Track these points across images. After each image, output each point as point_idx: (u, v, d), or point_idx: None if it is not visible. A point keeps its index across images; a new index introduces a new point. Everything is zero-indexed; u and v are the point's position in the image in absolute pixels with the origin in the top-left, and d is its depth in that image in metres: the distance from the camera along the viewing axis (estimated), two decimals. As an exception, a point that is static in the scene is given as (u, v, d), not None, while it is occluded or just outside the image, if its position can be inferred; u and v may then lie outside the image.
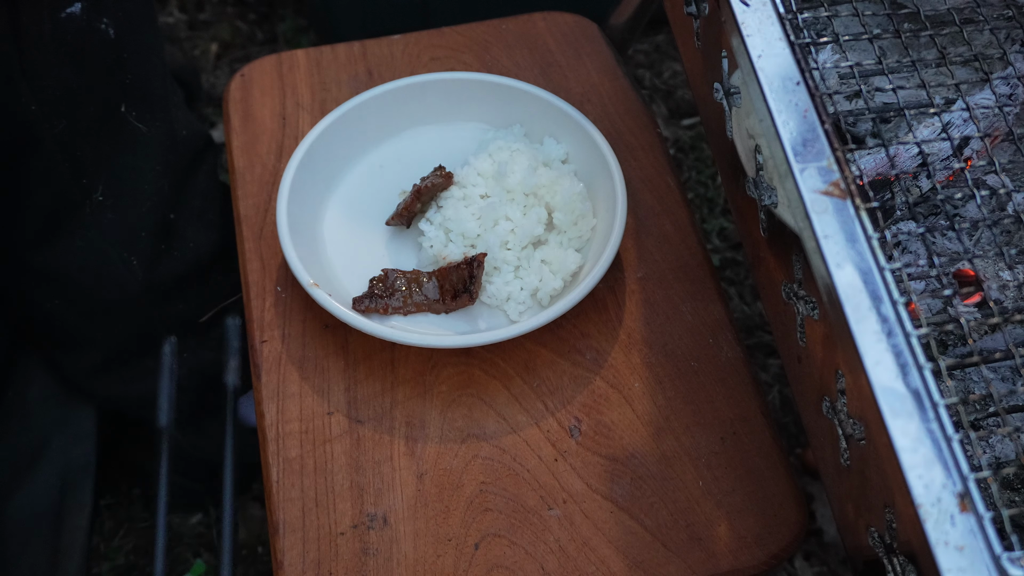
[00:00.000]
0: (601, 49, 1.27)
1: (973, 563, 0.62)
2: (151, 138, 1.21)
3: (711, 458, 0.98)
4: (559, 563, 0.93)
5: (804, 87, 0.80)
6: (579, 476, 0.97)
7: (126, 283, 1.23)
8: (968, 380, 0.84)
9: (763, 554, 0.93)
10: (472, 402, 1.01)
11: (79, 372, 1.33)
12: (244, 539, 1.55)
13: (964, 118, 0.84)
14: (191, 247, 1.28)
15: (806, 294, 0.81)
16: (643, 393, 1.02)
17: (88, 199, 1.17)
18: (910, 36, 0.87)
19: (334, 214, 1.12)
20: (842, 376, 0.75)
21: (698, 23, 1.00)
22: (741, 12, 0.84)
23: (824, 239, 0.73)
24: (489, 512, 0.95)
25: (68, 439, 1.36)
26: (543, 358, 1.04)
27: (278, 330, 1.06)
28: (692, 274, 1.09)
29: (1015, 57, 0.89)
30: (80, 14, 1.08)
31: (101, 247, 1.20)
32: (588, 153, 1.11)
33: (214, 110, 1.95)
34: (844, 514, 0.82)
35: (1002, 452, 0.80)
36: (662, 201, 1.14)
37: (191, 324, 1.32)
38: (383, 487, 0.97)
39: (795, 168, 0.76)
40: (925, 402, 0.67)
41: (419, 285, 1.05)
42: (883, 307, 0.70)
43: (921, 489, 0.64)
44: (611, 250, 1.03)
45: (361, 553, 0.93)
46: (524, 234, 1.05)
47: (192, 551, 1.54)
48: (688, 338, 1.05)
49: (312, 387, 1.02)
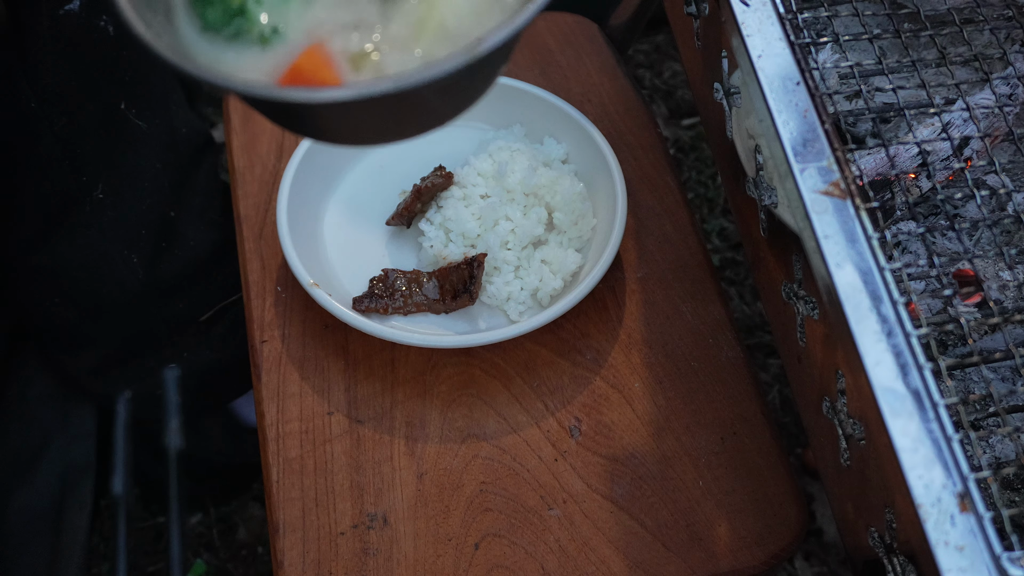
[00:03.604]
0: (601, 49, 1.27)
1: (973, 563, 0.62)
2: (151, 135, 1.21)
3: (711, 458, 0.98)
4: (559, 563, 0.93)
5: (804, 87, 0.80)
6: (579, 476, 0.97)
7: (126, 281, 1.23)
8: (968, 380, 0.84)
9: (763, 554, 0.93)
10: (472, 402, 1.01)
11: (79, 371, 1.32)
12: (244, 539, 1.55)
13: (964, 118, 0.84)
14: (191, 245, 1.28)
15: (806, 294, 0.81)
16: (643, 393, 1.02)
17: (88, 197, 1.17)
18: (910, 36, 0.87)
19: (334, 214, 1.12)
20: (842, 376, 0.75)
21: (698, 23, 1.00)
22: (741, 12, 0.84)
23: (824, 239, 0.73)
24: (489, 512, 0.95)
25: (68, 439, 1.35)
26: (543, 358, 1.04)
27: (278, 330, 1.06)
28: (692, 274, 1.09)
29: (1015, 57, 0.89)
30: (79, 11, 1.08)
31: (101, 245, 1.20)
32: (588, 153, 1.11)
33: (214, 110, 1.95)
34: (844, 514, 0.82)
35: (1002, 452, 0.80)
36: (662, 201, 1.14)
37: (191, 323, 1.32)
38: (383, 487, 0.97)
39: (795, 168, 0.76)
40: (925, 402, 0.67)
41: (419, 285, 1.05)
42: (883, 307, 0.70)
43: (921, 489, 0.64)
44: (611, 250, 1.03)
45: (361, 553, 0.93)
46: (524, 234, 1.05)
47: (192, 551, 1.54)
48: (688, 338, 1.05)
49: (312, 387, 1.02)
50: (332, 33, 0.60)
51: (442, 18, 0.60)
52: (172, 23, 0.61)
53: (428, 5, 0.60)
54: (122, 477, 0.80)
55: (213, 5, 0.60)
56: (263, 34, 0.60)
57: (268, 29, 0.60)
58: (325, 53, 0.60)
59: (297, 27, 0.60)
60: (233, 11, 0.60)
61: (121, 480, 0.80)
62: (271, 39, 0.60)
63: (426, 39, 0.59)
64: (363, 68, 0.59)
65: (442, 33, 0.60)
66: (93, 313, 1.27)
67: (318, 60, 0.59)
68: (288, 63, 0.60)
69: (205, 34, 0.61)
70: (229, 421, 1.50)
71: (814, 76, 0.81)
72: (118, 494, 0.78)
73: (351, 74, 0.59)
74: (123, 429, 0.83)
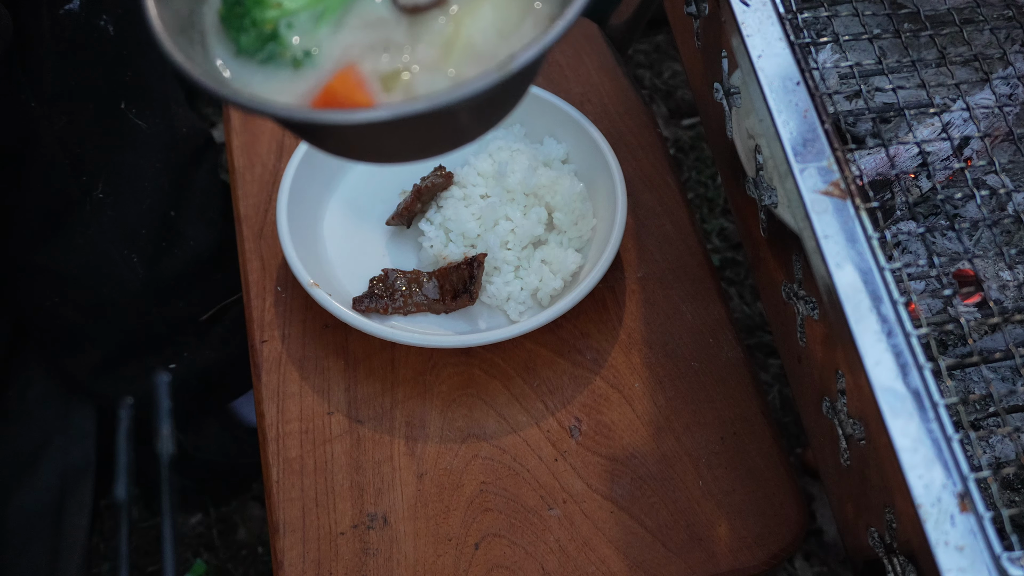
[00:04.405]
0: (601, 49, 1.27)
1: (973, 563, 0.62)
2: (151, 135, 1.20)
3: (711, 458, 0.98)
4: (559, 563, 0.93)
5: (804, 87, 0.80)
6: (579, 476, 0.97)
7: (126, 281, 1.23)
8: (968, 380, 0.84)
9: (763, 554, 0.93)
10: (472, 402, 1.01)
11: (79, 371, 1.32)
12: (244, 539, 1.55)
13: (964, 118, 0.84)
14: (191, 245, 1.28)
15: (806, 294, 0.81)
16: (643, 393, 1.02)
17: (88, 196, 1.17)
18: (910, 36, 0.86)
19: (334, 214, 1.12)
20: (842, 376, 0.75)
21: (698, 23, 1.00)
22: (741, 12, 0.84)
23: (824, 239, 0.73)
24: (489, 512, 0.95)
25: (68, 439, 1.35)
26: (543, 358, 1.04)
27: (278, 330, 1.06)
28: (692, 274, 1.09)
29: (1015, 57, 0.89)
30: (79, 11, 1.08)
31: (101, 245, 1.20)
32: (588, 153, 1.11)
33: (215, 110, 1.94)
34: (844, 514, 0.82)
35: (1002, 452, 0.80)
36: (662, 201, 1.14)
37: (191, 323, 1.32)
38: (383, 487, 0.97)
39: (795, 168, 0.76)
40: (925, 402, 0.67)
41: (419, 285, 1.05)
42: (883, 307, 0.70)
43: (921, 489, 0.64)
44: (611, 250, 1.03)
45: (361, 553, 0.93)
46: (524, 234, 1.05)
47: (192, 551, 1.54)
48: (688, 338, 1.05)
49: (312, 387, 1.02)
50: (362, 54, 0.62)
51: (469, 37, 0.61)
52: (206, 48, 0.62)
53: (455, 24, 0.61)
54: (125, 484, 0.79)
55: (246, 31, 0.62)
56: (296, 57, 0.61)
57: (300, 52, 0.62)
58: (357, 75, 0.61)
59: (329, 50, 0.62)
60: (266, 36, 0.61)
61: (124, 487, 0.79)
62: (303, 62, 0.61)
63: (455, 58, 0.60)
64: (394, 88, 0.60)
65: (470, 51, 0.61)
66: (93, 313, 1.27)
67: (351, 82, 0.61)
68: (320, 85, 0.61)
69: (238, 58, 0.62)
70: (229, 421, 1.50)
71: (814, 76, 0.81)
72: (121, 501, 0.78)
73: (383, 95, 0.60)
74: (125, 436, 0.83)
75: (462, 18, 0.61)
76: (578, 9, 0.55)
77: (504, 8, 0.62)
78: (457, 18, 0.62)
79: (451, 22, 0.62)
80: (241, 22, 0.61)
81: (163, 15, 0.58)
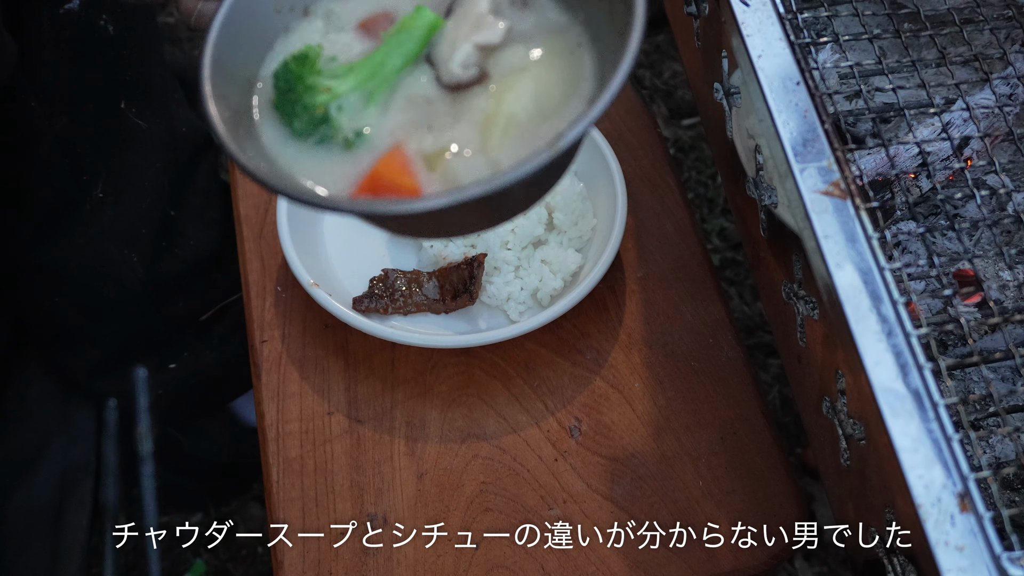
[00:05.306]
0: (601, 49, 1.27)
1: (973, 563, 0.62)
2: (151, 135, 1.20)
3: (711, 458, 0.98)
4: (559, 563, 0.93)
5: (804, 87, 0.80)
6: (579, 476, 0.97)
7: (126, 280, 1.23)
8: (968, 380, 0.84)
9: (763, 554, 0.93)
10: (472, 402, 1.01)
11: (80, 370, 1.32)
12: (244, 539, 1.55)
13: (964, 118, 0.84)
14: (192, 245, 1.28)
15: (806, 294, 0.81)
16: (643, 393, 1.02)
17: (88, 196, 1.17)
18: (910, 36, 0.86)
19: (334, 214, 1.12)
20: (842, 376, 0.75)
21: (698, 23, 1.00)
22: (741, 12, 0.84)
23: (824, 239, 0.73)
24: (489, 512, 0.95)
25: (68, 439, 1.35)
26: (543, 358, 1.04)
27: (278, 330, 1.06)
28: (692, 274, 1.09)
29: (1015, 57, 0.89)
30: (79, 10, 1.08)
31: (101, 244, 1.20)
32: (588, 153, 1.11)
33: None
34: (844, 514, 0.82)
35: (1002, 452, 0.80)
36: (662, 201, 1.14)
37: (191, 323, 1.32)
38: (383, 487, 0.97)
39: (795, 168, 0.76)
40: (925, 402, 0.67)
41: (419, 285, 1.05)
42: (883, 307, 0.70)
43: (921, 489, 0.64)
44: (611, 250, 1.03)
45: (361, 553, 0.93)
46: (524, 234, 1.05)
47: (192, 551, 1.54)
48: (688, 338, 1.05)
49: (312, 387, 1.02)
50: (408, 134, 0.64)
51: (510, 112, 0.63)
52: (255, 137, 0.64)
53: (496, 100, 0.64)
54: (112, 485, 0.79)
55: (299, 116, 0.64)
56: (347, 138, 0.64)
57: (352, 133, 0.64)
58: (402, 157, 0.63)
59: (378, 129, 0.64)
60: (318, 120, 0.64)
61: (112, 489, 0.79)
62: (355, 142, 0.64)
63: (497, 133, 0.62)
64: (438, 167, 0.62)
65: (512, 126, 0.63)
66: (93, 313, 1.27)
67: (395, 166, 0.63)
68: (370, 164, 0.63)
69: (293, 141, 0.65)
70: (229, 421, 1.50)
71: (814, 76, 0.81)
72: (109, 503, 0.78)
73: (426, 174, 0.63)
74: (111, 437, 0.83)
75: (502, 94, 0.64)
76: (623, 78, 0.57)
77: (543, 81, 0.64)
78: (497, 94, 0.64)
79: (491, 97, 0.64)
80: (293, 108, 0.64)
81: (223, 115, 0.60)
